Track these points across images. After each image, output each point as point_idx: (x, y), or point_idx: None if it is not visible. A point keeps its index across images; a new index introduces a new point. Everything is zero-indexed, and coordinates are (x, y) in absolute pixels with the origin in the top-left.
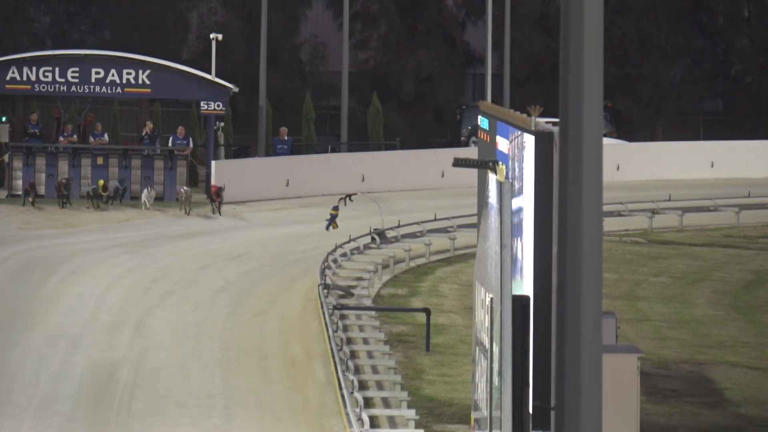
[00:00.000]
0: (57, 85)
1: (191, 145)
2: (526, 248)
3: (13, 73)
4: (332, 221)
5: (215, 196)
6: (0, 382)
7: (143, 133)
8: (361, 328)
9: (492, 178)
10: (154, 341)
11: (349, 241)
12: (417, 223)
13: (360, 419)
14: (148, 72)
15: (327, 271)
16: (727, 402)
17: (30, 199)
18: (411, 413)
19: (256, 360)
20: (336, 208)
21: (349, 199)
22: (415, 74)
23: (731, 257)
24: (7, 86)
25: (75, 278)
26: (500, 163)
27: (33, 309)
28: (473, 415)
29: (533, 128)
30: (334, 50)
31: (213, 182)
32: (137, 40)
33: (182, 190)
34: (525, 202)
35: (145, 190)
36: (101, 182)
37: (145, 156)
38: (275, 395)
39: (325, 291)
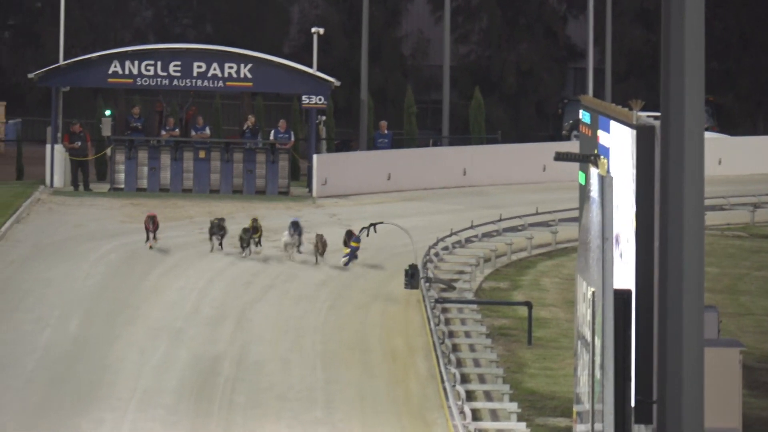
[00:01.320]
0: (159, 79)
1: (293, 138)
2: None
3: (116, 67)
4: (352, 256)
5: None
6: (103, 374)
7: (245, 127)
8: (462, 322)
9: (594, 171)
10: (256, 335)
11: (450, 235)
12: (518, 217)
13: (462, 412)
14: (250, 66)
15: (428, 265)
16: None
17: (149, 244)
18: (513, 406)
19: (357, 353)
20: (357, 239)
21: (374, 229)
22: (516, 68)
23: None
24: (109, 80)
25: (177, 271)
26: (602, 156)
27: (135, 302)
28: (575, 408)
29: (635, 122)
30: (436, 44)
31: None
32: (238, 34)
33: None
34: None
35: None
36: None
37: (246, 149)
38: (377, 389)
39: (427, 284)
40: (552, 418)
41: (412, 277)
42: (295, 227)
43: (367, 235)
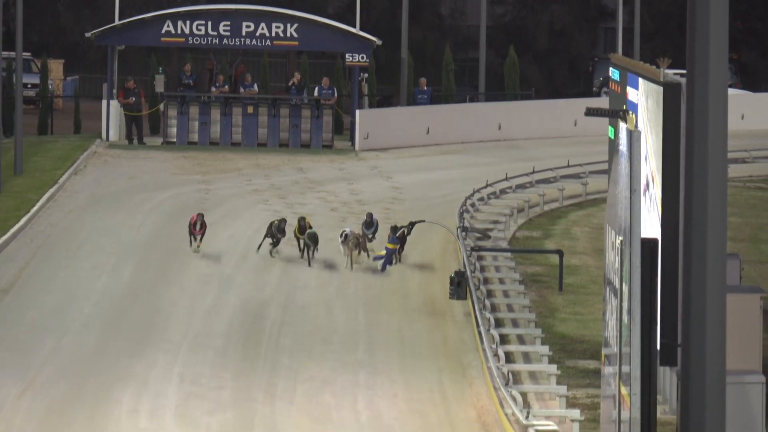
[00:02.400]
0: (209, 38)
1: (336, 94)
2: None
3: (168, 26)
4: (389, 258)
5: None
6: (156, 319)
7: (290, 84)
8: (497, 269)
9: (622, 126)
10: (301, 281)
11: (485, 186)
12: (551, 169)
13: (496, 355)
14: (296, 26)
15: (465, 215)
16: None
17: (195, 246)
18: (545, 349)
19: (398, 299)
20: (395, 241)
21: (409, 229)
22: (549, 28)
23: None
24: (162, 39)
25: (226, 221)
26: (630, 112)
27: (187, 249)
28: (603, 351)
29: (662, 79)
30: (473, 5)
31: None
32: None
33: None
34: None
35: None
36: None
37: (292, 105)
38: (416, 332)
39: (464, 233)
40: (581, 360)
41: (458, 285)
42: (368, 226)
43: (408, 233)
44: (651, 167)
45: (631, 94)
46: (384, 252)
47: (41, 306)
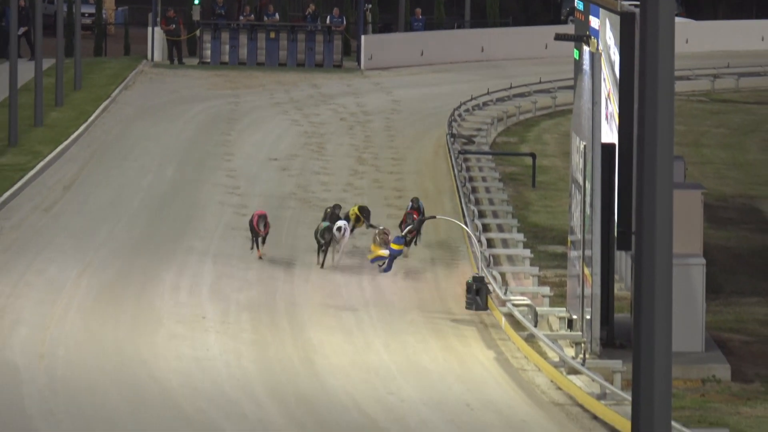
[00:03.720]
0: None
1: (345, 22)
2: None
3: None
4: (391, 261)
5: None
6: (193, 211)
7: (307, 13)
8: (480, 169)
9: (586, 49)
10: (315, 179)
11: (470, 100)
12: (525, 85)
13: (479, 241)
14: None
15: (453, 123)
16: None
17: (258, 253)
18: (520, 236)
19: (395, 193)
20: (400, 240)
21: (419, 225)
22: None
23: None
24: None
25: (252, 129)
26: (592, 37)
27: (219, 152)
28: (569, 238)
29: (619, 9)
30: None
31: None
32: None
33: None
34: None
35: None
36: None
37: (308, 31)
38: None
39: (452, 139)
40: (551, 245)
41: (477, 293)
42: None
43: (416, 243)
44: (609, 85)
45: (593, 21)
46: (386, 252)
47: (97, 199)
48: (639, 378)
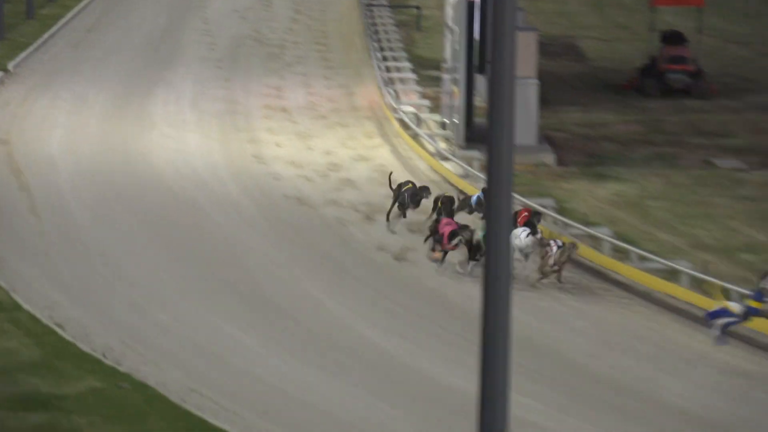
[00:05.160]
0: None
1: None
2: None
3: None
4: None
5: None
6: (178, 47)
7: None
8: (381, 17)
9: None
10: (264, 24)
11: None
12: None
13: (380, 68)
14: None
15: None
16: (587, 59)
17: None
18: (408, 65)
19: (323, 38)
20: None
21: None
22: None
23: None
24: None
25: None
26: None
27: (197, 5)
28: (443, 65)
29: None
30: None
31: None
32: None
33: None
34: None
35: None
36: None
37: None
38: (334, 56)
39: None
40: (431, 71)
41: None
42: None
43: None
44: None
45: None
46: (734, 307)
47: (109, 38)
48: (491, 161)
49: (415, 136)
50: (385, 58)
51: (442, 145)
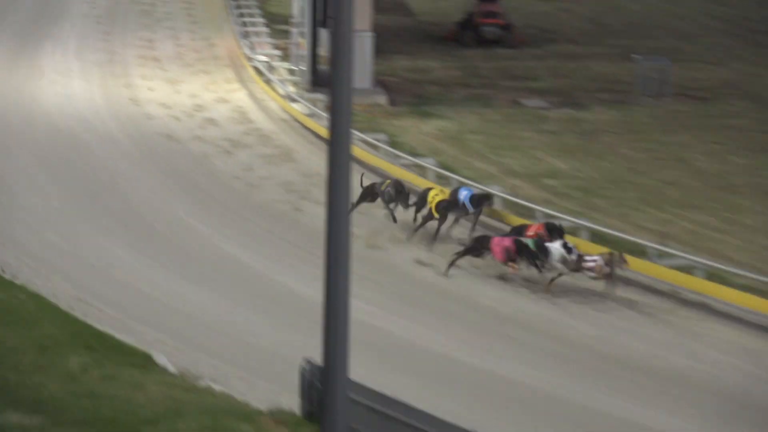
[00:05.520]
0: None
1: None
2: None
3: None
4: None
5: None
6: (63, 3)
7: None
8: None
9: None
10: None
11: None
12: None
13: (237, 23)
14: None
15: None
16: (413, 14)
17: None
18: (262, 20)
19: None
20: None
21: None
22: None
23: None
24: None
25: None
26: None
27: None
28: (292, 20)
29: None
30: None
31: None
32: None
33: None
34: None
35: None
36: None
37: None
38: (198, 13)
39: None
40: (281, 25)
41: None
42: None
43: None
44: None
45: None
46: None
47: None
48: (334, 101)
49: (268, 82)
50: (242, 15)
51: (291, 89)
